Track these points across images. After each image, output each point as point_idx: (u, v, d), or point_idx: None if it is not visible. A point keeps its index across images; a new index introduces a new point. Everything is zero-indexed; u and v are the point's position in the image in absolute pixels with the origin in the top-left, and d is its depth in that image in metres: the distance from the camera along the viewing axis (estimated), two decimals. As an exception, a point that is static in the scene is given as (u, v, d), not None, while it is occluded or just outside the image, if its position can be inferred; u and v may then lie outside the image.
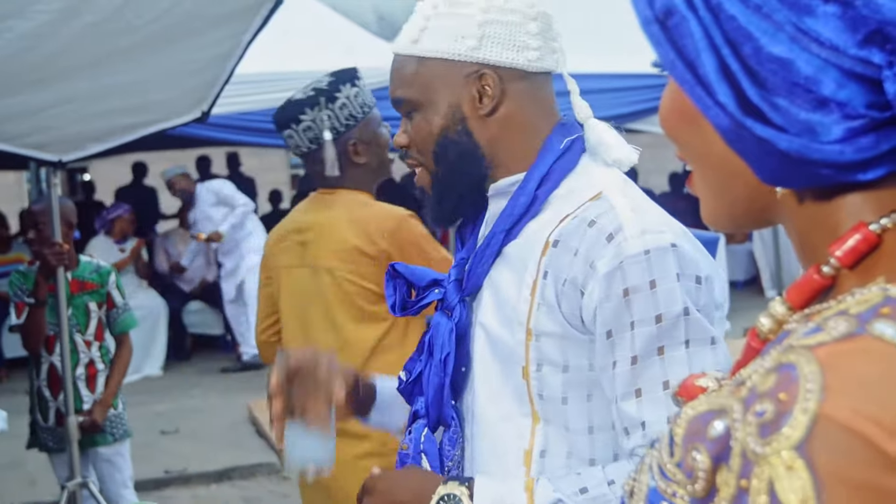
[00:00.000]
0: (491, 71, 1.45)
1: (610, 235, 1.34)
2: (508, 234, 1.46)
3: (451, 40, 1.45)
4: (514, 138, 1.48)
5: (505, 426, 1.44)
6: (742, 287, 10.97)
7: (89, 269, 4.29)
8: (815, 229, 0.71)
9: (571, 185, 1.45)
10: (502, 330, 1.44)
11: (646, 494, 0.73)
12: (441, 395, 1.50)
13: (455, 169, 1.49)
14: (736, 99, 0.66)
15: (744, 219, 0.77)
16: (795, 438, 0.57)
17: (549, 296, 1.39)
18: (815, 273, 0.70)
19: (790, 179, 0.68)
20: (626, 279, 1.32)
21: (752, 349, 0.74)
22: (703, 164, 0.76)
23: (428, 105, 1.48)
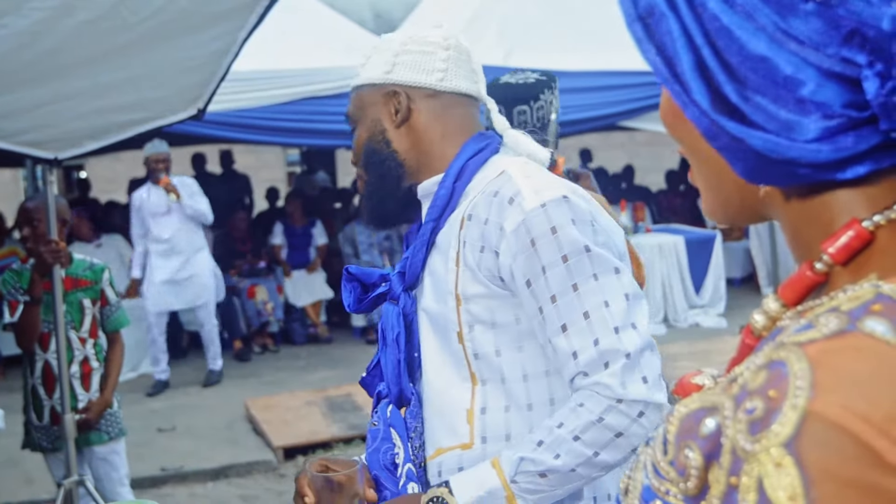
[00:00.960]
0: (401, 90, 1.74)
1: (511, 199, 1.57)
2: (437, 224, 1.70)
3: (374, 69, 1.77)
4: (426, 145, 1.75)
5: (449, 393, 1.66)
6: (739, 284, 10.98)
7: (83, 267, 4.29)
8: (806, 225, 0.71)
9: (482, 176, 1.70)
10: (437, 304, 1.67)
11: (640, 492, 0.73)
12: (398, 371, 1.71)
13: (378, 172, 1.76)
14: (710, 97, 0.67)
15: (738, 214, 0.78)
16: (784, 435, 0.57)
17: (470, 262, 1.61)
18: (808, 270, 0.70)
19: (768, 177, 0.69)
20: (530, 231, 1.54)
21: (746, 346, 0.75)
22: (696, 161, 0.77)
23: (360, 121, 1.79)
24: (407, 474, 1.69)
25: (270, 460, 6.16)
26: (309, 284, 9.77)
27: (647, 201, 12.03)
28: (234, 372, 8.52)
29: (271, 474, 6.05)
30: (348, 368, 8.40)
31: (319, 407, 7.10)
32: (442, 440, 1.67)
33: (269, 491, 5.78)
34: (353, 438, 6.37)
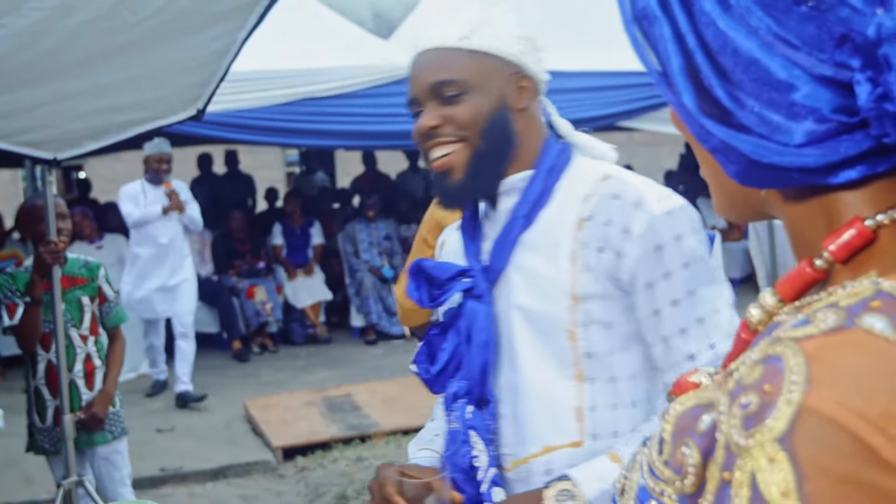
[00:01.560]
0: (530, 76, 1.71)
1: (636, 204, 1.60)
2: (527, 221, 1.69)
3: (505, 44, 1.68)
4: (533, 135, 1.72)
5: (554, 389, 1.65)
6: (738, 285, 10.97)
7: (77, 265, 4.30)
8: (808, 224, 0.71)
9: (571, 176, 1.70)
10: (542, 304, 1.66)
11: (636, 493, 0.73)
12: (485, 373, 1.70)
13: (498, 146, 1.68)
14: (697, 100, 0.67)
15: (744, 211, 0.78)
16: (779, 430, 0.57)
17: (591, 263, 1.62)
18: (808, 266, 0.70)
19: (760, 180, 0.69)
20: (657, 236, 1.58)
21: (742, 341, 0.75)
22: (701, 160, 0.78)
23: (478, 88, 1.67)
24: (493, 479, 1.67)
25: (269, 460, 6.15)
26: (308, 285, 9.77)
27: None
28: (233, 372, 8.52)
29: (270, 474, 6.05)
30: (347, 369, 8.40)
31: (318, 407, 7.10)
32: (549, 438, 1.67)
33: (269, 491, 5.78)
34: (352, 439, 6.36)
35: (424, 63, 1.71)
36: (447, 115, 1.67)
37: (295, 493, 5.71)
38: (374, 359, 8.71)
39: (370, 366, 8.49)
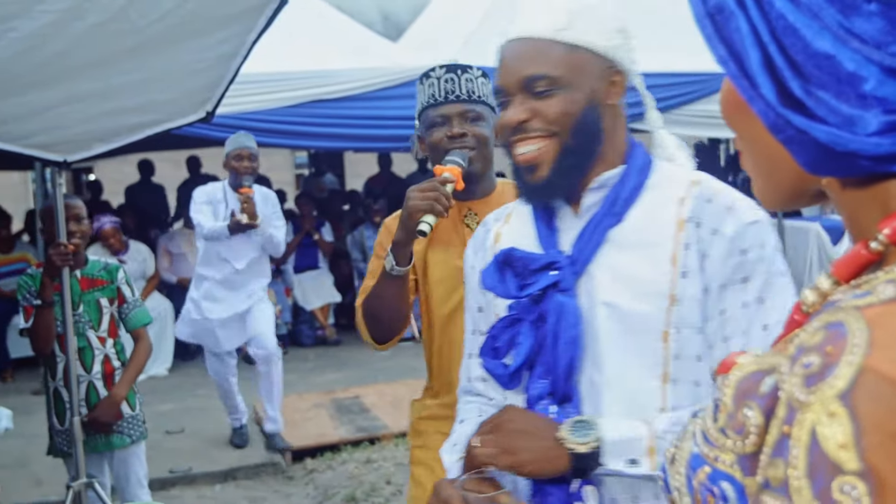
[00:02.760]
0: (622, 72, 1.69)
1: (729, 208, 1.62)
2: (616, 218, 1.68)
3: (599, 36, 1.66)
4: (620, 131, 1.72)
5: (639, 388, 1.64)
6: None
7: (98, 267, 4.32)
8: (863, 209, 0.75)
9: (658, 177, 1.71)
10: (636, 303, 1.64)
11: (687, 460, 0.77)
12: (571, 370, 1.66)
13: (587, 143, 1.67)
14: (777, 91, 0.70)
15: (791, 199, 0.82)
16: (839, 388, 0.61)
17: (692, 265, 1.62)
18: (864, 248, 0.74)
19: (830, 168, 0.72)
20: (744, 240, 1.60)
21: (794, 322, 0.79)
22: (753, 150, 0.81)
23: (573, 84, 1.65)
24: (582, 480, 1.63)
25: (278, 462, 6.16)
26: (317, 287, 9.78)
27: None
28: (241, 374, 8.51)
29: (279, 476, 6.05)
30: (356, 370, 8.41)
31: (327, 409, 7.10)
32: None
33: (277, 493, 5.79)
34: (360, 441, 6.37)
35: (516, 53, 1.68)
36: (536, 109, 1.66)
37: (304, 496, 5.72)
38: (382, 361, 8.71)
39: (379, 367, 8.49)
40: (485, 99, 2.59)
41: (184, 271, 9.57)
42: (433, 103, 2.57)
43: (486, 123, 2.57)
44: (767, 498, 0.64)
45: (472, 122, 2.54)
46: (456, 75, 2.57)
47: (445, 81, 2.56)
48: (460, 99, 2.55)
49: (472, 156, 2.50)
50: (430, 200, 2.25)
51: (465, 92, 2.56)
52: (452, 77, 2.57)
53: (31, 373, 8.46)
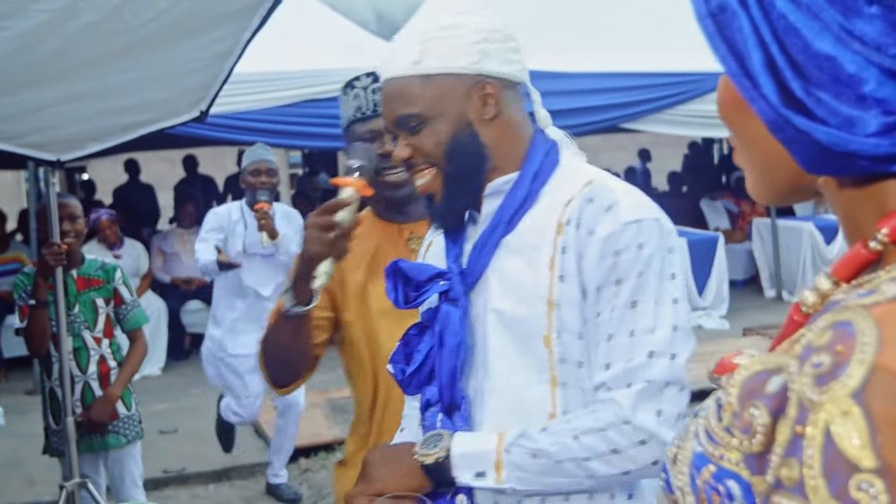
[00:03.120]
0: (493, 82, 1.66)
1: (608, 207, 1.58)
2: (508, 224, 1.66)
3: (455, 57, 1.64)
4: (510, 140, 1.69)
5: (527, 393, 1.63)
6: (741, 286, 10.97)
7: (94, 267, 4.31)
8: (859, 208, 0.75)
9: (557, 180, 1.68)
10: (519, 308, 1.63)
11: (690, 459, 0.77)
12: (454, 378, 1.67)
13: (467, 165, 1.67)
14: (778, 92, 0.71)
15: (787, 196, 0.83)
16: (852, 387, 0.61)
17: (569, 268, 1.60)
18: (862, 248, 0.74)
19: (828, 168, 0.73)
20: (619, 241, 1.56)
21: (794, 323, 0.79)
22: (750, 148, 0.81)
23: (437, 116, 1.66)
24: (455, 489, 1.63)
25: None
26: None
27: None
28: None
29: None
30: (350, 370, 8.40)
31: (322, 409, 7.10)
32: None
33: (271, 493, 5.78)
34: (355, 440, 6.36)
35: (386, 95, 1.71)
36: (415, 146, 1.68)
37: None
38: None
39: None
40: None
41: (177, 271, 9.56)
42: (360, 117, 2.29)
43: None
44: (780, 498, 0.65)
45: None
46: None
47: (373, 92, 2.30)
48: None
49: (405, 177, 2.19)
50: (326, 244, 1.86)
51: None
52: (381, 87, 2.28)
53: (24, 372, 8.43)
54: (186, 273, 9.42)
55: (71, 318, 4.17)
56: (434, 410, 1.70)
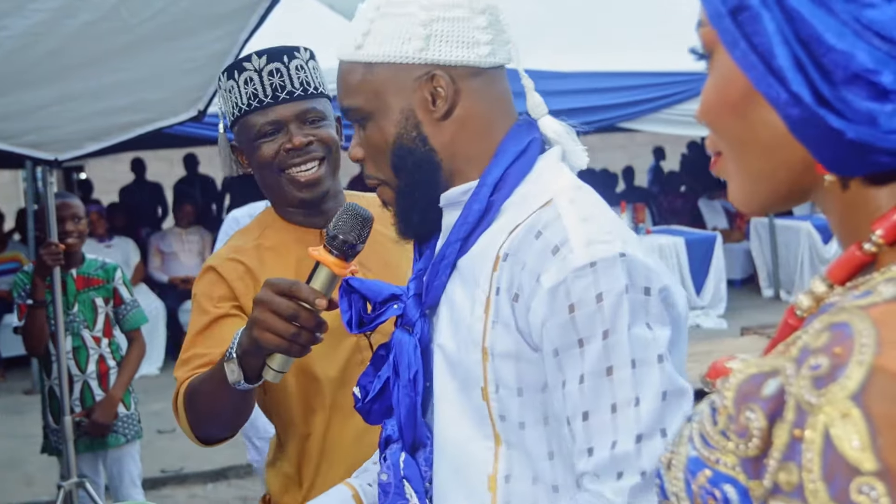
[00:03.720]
0: (442, 71, 1.36)
1: (555, 248, 1.27)
2: (464, 244, 1.39)
3: (398, 43, 1.36)
4: (471, 141, 1.40)
5: (467, 449, 1.38)
6: (739, 286, 10.98)
7: (95, 266, 4.31)
8: (856, 210, 0.75)
9: (525, 191, 1.37)
10: (459, 350, 1.37)
11: (685, 464, 0.76)
12: (414, 415, 1.45)
13: (415, 179, 1.40)
14: (811, 91, 0.69)
15: (780, 202, 0.81)
16: (851, 388, 0.60)
17: (504, 313, 1.32)
18: (857, 250, 0.73)
19: (851, 167, 0.72)
20: (570, 294, 1.25)
21: (789, 326, 0.78)
22: (745, 152, 0.79)
23: (379, 112, 1.39)
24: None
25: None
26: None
27: (648, 202, 12.03)
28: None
29: (271, 476, 6.05)
30: (348, 370, 8.40)
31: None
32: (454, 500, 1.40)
33: (270, 492, 5.78)
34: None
35: (338, 79, 1.44)
36: (363, 146, 1.43)
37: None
38: (375, 360, 8.70)
39: (371, 367, 8.49)
40: (322, 89, 1.98)
41: (175, 270, 9.55)
42: (258, 106, 1.91)
43: (329, 122, 1.96)
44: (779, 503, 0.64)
45: (315, 125, 1.92)
46: (283, 64, 1.92)
47: (270, 74, 1.92)
48: (295, 96, 1.92)
49: (319, 173, 1.91)
50: (282, 336, 1.50)
51: (298, 85, 1.93)
52: (279, 67, 1.92)
53: (23, 372, 8.42)
54: (184, 273, 9.41)
55: (70, 318, 4.17)
56: (395, 448, 1.48)
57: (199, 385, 1.76)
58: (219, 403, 1.74)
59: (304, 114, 1.91)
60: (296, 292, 1.49)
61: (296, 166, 1.90)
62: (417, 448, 1.47)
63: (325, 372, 1.89)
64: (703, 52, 0.80)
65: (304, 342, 1.51)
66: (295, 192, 1.91)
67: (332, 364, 1.88)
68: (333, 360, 1.88)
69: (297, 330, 1.49)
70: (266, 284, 1.53)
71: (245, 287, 1.91)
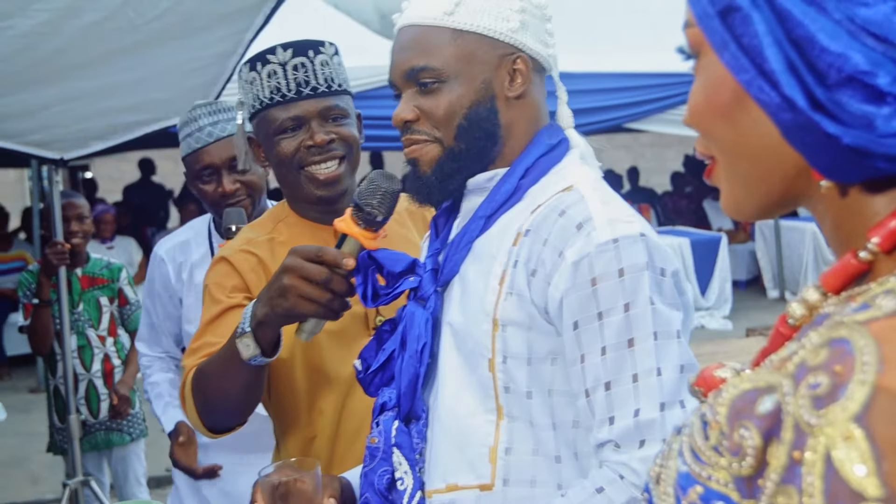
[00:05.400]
0: (526, 58, 1.47)
1: (580, 224, 1.34)
2: (486, 222, 1.46)
3: (493, 19, 1.44)
4: (525, 127, 1.49)
5: (469, 422, 1.42)
6: (744, 287, 10.97)
7: (100, 266, 4.33)
8: (851, 218, 0.72)
9: (548, 180, 1.46)
10: (468, 322, 1.43)
11: (674, 479, 0.73)
12: (415, 386, 1.49)
13: (476, 146, 1.46)
14: (804, 94, 0.67)
15: (774, 207, 0.78)
16: (853, 410, 0.57)
17: (519, 284, 1.38)
18: (853, 258, 0.71)
19: (848, 174, 0.70)
20: (593, 268, 1.32)
21: (781, 335, 0.75)
22: (736, 157, 0.76)
23: (459, 77, 1.45)
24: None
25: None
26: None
27: (652, 203, 12.03)
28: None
29: (276, 475, 6.04)
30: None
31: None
32: (458, 476, 1.43)
33: (274, 492, 5.78)
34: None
35: (402, 42, 1.49)
36: (423, 108, 1.47)
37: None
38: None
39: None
40: (345, 86, 1.97)
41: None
42: (280, 101, 1.89)
43: (351, 120, 1.95)
44: None
45: (337, 122, 1.91)
46: (308, 59, 1.90)
47: (294, 69, 1.89)
48: (318, 92, 1.89)
49: (339, 172, 1.90)
50: (317, 302, 1.53)
51: (322, 81, 1.90)
52: (304, 62, 1.90)
53: (27, 370, 8.44)
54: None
55: (75, 317, 4.18)
56: (390, 416, 1.51)
57: (207, 367, 1.75)
58: (230, 383, 1.71)
59: (327, 111, 1.89)
60: (323, 256, 1.53)
61: (315, 164, 1.88)
62: (411, 420, 1.51)
63: (337, 371, 1.86)
64: (690, 52, 0.78)
65: (338, 308, 1.56)
66: (313, 189, 1.90)
67: (345, 363, 1.84)
68: (347, 360, 1.82)
69: (332, 295, 1.53)
70: (292, 252, 1.56)
71: (258, 278, 1.89)
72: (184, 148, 2.71)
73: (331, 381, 1.87)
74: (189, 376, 1.80)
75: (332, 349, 1.85)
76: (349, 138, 1.91)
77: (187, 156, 2.70)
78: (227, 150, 2.57)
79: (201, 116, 2.69)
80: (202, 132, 2.66)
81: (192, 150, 2.67)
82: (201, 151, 2.65)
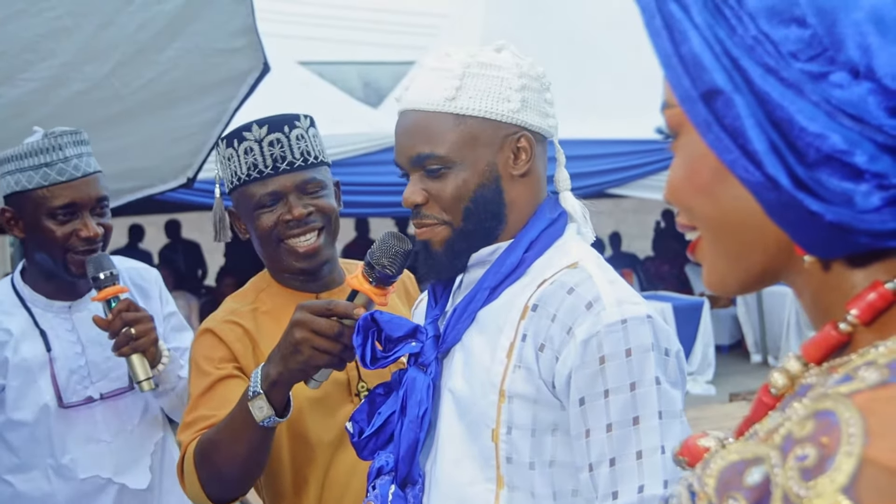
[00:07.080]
0: (528, 136, 1.50)
1: (589, 303, 1.38)
2: (491, 294, 1.49)
3: (494, 101, 1.47)
4: (528, 201, 1.52)
5: (468, 490, 1.44)
6: (727, 351, 10.96)
7: None
8: (830, 291, 0.74)
9: (551, 255, 1.49)
10: (473, 393, 1.45)
11: None
12: (414, 451, 1.50)
13: (483, 226, 1.50)
14: (788, 175, 0.68)
15: (755, 282, 0.79)
16: (841, 482, 0.58)
17: (527, 358, 1.41)
18: (833, 329, 0.72)
19: (831, 249, 0.71)
20: (602, 346, 1.35)
21: (763, 405, 0.76)
22: (718, 233, 0.77)
23: (464, 162, 1.48)
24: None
25: None
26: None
27: (635, 268, 12.06)
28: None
29: None
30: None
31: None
32: None
33: None
34: None
35: (406, 127, 1.52)
36: (431, 192, 1.50)
37: None
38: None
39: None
40: (322, 157, 1.97)
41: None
42: (258, 177, 1.90)
43: (329, 191, 1.97)
44: None
45: (314, 195, 1.93)
46: (283, 134, 1.91)
47: (270, 145, 1.90)
48: (295, 166, 1.90)
49: (318, 244, 1.93)
50: (330, 353, 1.59)
51: (298, 155, 1.91)
52: (279, 138, 1.90)
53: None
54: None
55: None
56: (387, 479, 1.53)
57: (215, 435, 1.74)
58: (242, 448, 1.70)
59: (304, 184, 1.91)
60: (334, 309, 1.59)
61: (294, 237, 1.91)
62: (407, 484, 1.52)
63: (319, 437, 1.87)
64: (669, 132, 0.79)
65: (349, 358, 1.61)
66: (293, 262, 1.92)
67: (327, 429, 1.87)
68: (330, 425, 1.87)
69: (343, 346, 1.59)
70: (300, 307, 1.61)
71: (244, 348, 1.91)
72: (36, 178, 2.29)
73: (314, 448, 1.88)
74: (190, 449, 1.78)
75: (314, 416, 1.87)
76: (327, 209, 1.93)
77: (41, 188, 2.29)
78: (96, 189, 2.33)
79: (67, 146, 2.32)
80: (67, 164, 2.30)
81: (53, 182, 2.29)
82: (65, 186, 2.30)
